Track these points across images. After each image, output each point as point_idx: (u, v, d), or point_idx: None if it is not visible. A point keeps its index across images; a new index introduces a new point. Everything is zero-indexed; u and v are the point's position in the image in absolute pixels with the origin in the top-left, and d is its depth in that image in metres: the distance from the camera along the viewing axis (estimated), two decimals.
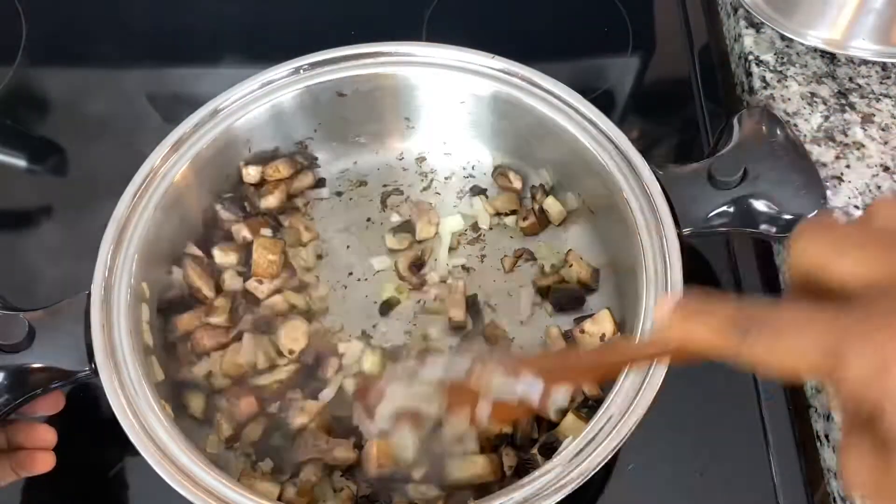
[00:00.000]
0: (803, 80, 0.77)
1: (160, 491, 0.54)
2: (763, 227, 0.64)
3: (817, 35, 0.75)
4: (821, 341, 0.28)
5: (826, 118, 0.75)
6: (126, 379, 0.57)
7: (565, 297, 0.70)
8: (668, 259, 0.61)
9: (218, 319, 0.67)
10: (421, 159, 0.79)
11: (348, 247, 0.75)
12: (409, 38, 0.73)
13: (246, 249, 0.71)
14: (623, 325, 0.66)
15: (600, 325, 0.66)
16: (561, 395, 0.47)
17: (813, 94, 0.76)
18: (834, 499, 0.61)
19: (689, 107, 0.84)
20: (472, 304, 0.70)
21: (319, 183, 0.78)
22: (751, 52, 0.80)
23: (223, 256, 0.70)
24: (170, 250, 0.68)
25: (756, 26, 0.81)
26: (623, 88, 0.86)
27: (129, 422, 0.56)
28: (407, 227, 0.74)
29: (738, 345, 0.31)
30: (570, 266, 0.70)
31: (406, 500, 0.61)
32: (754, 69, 0.78)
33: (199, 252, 0.70)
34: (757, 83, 0.78)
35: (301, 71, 0.71)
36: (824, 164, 0.72)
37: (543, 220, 0.74)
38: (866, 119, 0.74)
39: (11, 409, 0.58)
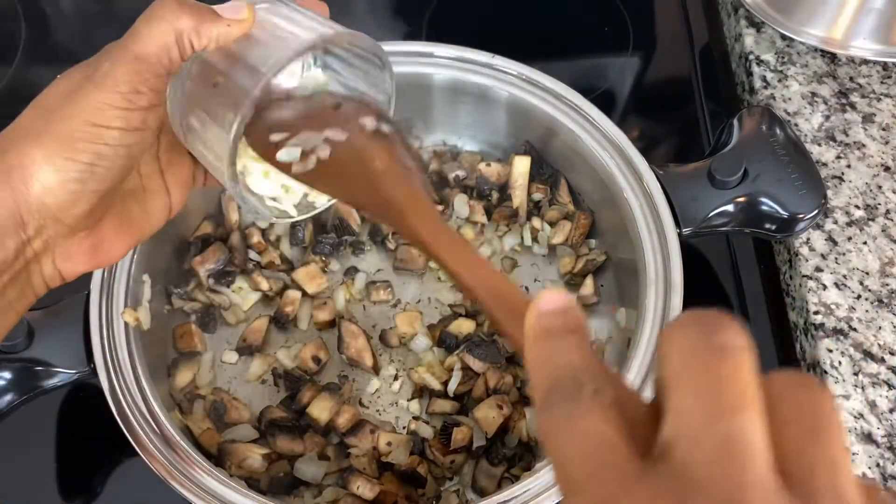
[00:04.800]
0: (804, 80, 0.77)
1: (160, 491, 0.54)
2: (763, 226, 0.64)
3: (818, 35, 0.75)
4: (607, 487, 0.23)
5: (827, 118, 0.75)
6: (125, 379, 0.57)
7: None
8: (668, 259, 0.61)
9: None
10: None
11: None
12: (408, 37, 0.73)
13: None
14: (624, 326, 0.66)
15: None
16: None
17: (814, 94, 0.76)
18: None
19: (690, 106, 0.84)
20: None
21: None
22: (751, 52, 0.79)
23: None
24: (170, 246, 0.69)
25: (757, 26, 0.81)
26: (623, 88, 0.86)
27: (129, 421, 0.56)
28: None
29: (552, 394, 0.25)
30: None
31: None
32: (755, 69, 0.78)
33: None
34: (757, 83, 0.78)
35: None
36: (825, 164, 0.72)
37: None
38: (867, 119, 0.74)
39: (11, 410, 0.58)
